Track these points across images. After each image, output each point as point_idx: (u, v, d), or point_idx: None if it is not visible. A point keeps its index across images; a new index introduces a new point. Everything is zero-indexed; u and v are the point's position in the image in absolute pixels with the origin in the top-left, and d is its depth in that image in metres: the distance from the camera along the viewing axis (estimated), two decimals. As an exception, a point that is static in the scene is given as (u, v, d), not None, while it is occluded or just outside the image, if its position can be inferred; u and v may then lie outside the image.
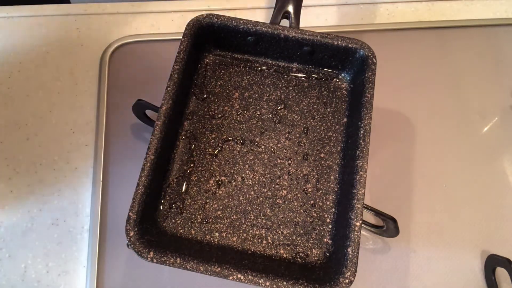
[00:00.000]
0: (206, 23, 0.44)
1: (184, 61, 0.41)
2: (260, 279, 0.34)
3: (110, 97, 0.50)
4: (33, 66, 0.51)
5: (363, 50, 0.43)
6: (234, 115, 0.45)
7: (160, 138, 0.38)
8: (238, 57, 0.48)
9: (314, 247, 0.40)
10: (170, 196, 0.41)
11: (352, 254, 0.35)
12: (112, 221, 0.44)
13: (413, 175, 0.48)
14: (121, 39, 0.53)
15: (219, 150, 0.43)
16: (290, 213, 0.41)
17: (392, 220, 0.40)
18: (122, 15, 0.55)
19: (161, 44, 0.53)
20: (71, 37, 0.54)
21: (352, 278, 0.34)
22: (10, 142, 0.48)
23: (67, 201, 0.45)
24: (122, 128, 0.48)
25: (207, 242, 0.40)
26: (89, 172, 0.47)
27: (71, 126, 0.49)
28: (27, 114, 0.49)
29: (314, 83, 0.47)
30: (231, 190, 0.42)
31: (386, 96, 0.50)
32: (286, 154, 0.43)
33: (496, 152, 0.50)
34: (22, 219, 0.45)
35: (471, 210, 0.47)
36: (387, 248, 0.45)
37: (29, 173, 0.46)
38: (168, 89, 0.40)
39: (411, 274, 0.44)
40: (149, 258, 0.35)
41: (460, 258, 0.45)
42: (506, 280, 0.42)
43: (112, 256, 0.43)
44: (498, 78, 0.54)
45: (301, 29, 0.44)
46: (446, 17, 0.58)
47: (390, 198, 0.47)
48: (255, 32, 0.44)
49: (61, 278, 0.42)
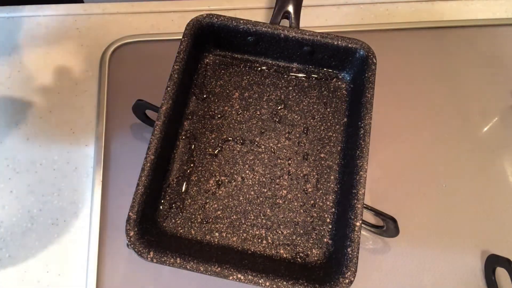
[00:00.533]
0: (206, 23, 0.44)
1: (184, 61, 0.41)
2: (260, 279, 0.34)
3: (110, 97, 0.50)
4: (33, 66, 0.51)
5: (363, 50, 0.43)
6: (234, 115, 0.45)
7: (160, 138, 0.38)
8: (238, 57, 0.48)
9: (314, 247, 0.40)
10: (170, 196, 0.41)
11: (352, 254, 0.35)
12: (112, 221, 0.44)
13: (413, 175, 0.48)
14: (121, 39, 0.53)
15: (219, 150, 0.43)
16: (290, 213, 0.41)
17: (392, 220, 0.40)
18: (122, 15, 0.55)
19: (161, 44, 0.53)
20: (71, 37, 0.53)
21: (352, 278, 0.34)
22: (10, 142, 0.48)
23: (67, 201, 0.45)
24: (122, 128, 0.48)
25: (207, 242, 0.39)
26: (89, 172, 0.47)
27: (71, 126, 0.49)
28: (27, 114, 0.49)
29: (314, 83, 0.47)
30: (231, 190, 0.42)
31: (386, 96, 0.50)
32: (286, 154, 0.43)
33: (496, 152, 0.50)
34: (22, 219, 0.45)
35: (471, 210, 0.47)
36: (387, 248, 0.45)
37: (29, 173, 0.46)
38: (168, 89, 0.40)
39: (411, 274, 0.44)
40: (149, 258, 0.35)
41: (460, 258, 0.45)
42: (506, 280, 0.42)
43: (112, 256, 0.43)
44: (498, 78, 0.54)
45: (301, 29, 0.44)
46: (446, 17, 0.58)
47: (390, 198, 0.47)
48: (255, 32, 0.44)
49: (61, 278, 0.42)
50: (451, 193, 0.48)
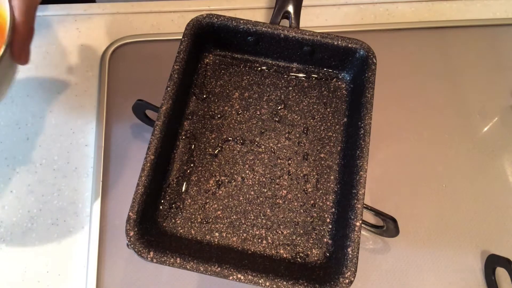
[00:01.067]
0: (206, 23, 0.44)
1: (184, 61, 0.41)
2: (260, 279, 0.34)
3: (110, 97, 0.50)
4: (33, 66, 0.51)
5: (363, 50, 0.43)
6: (234, 115, 0.45)
7: (160, 138, 0.38)
8: (238, 57, 0.48)
9: (314, 247, 0.40)
10: (170, 196, 0.41)
11: (352, 254, 0.35)
12: (112, 221, 0.44)
13: (413, 175, 0.48)
14: (121, 39, 0.53)
15: (219, 150, 0.43)
16: (290, 213, 0.41)
17: (392, 220, 0.40)
18: (122, 15, 0.55)
19: (161, 44, 0.53)
20: (71, 37, 0.53)
21: (352, 278, 0.34)
22: (10, 142, 0.48)
23: (67, 201, 0.45)
24: (122, 128, 0.48)
25: (207, 242, 0.39)
26: (89, 172, 0.47)
27: (71, 126, 0.49)
28: (27, 114, 0.49)
29: (314, 83, 0.47)
30: (231, 190, 0.42)
31: (386, 96, 0.50)
32: (286, 154, 0.43)
33: (496, 152, 0.50)
34: (22, 219, 0.45)
35: (471, 210, 0.47)
36: (387, 248, 0.45)
37: (29, 173, 0.46)
38: (168, 89, 0.40)
39: (411, 274, 0.44)
40: (149, 258, 0.35)
41: (460, 258, 0.45)
42: (506, 280, 0.42)
43: (112, 256, 0.43)
44: (498, 78, 0.54)
45: (301, 29, 0.44)
46: (446, 17, 0.58)
47: (390, 198, 0.47)
48: (255, 32, 0.44)
49: (61, 278, 0.42)
50: (451, 193, 0.48)
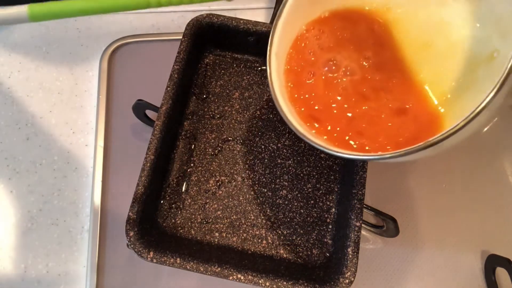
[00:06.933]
0: (206, 23, 0.44)
1: (184, 61, 0.41)
2: (260, 279, 0.34)
3: (110, 97, 0.50)
4: (33, 66, 0.51)
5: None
6: (234, 115, 0.45)
7: (160, 138, 0.38)
8: (238, 57, 0.48)
9: (314, 247, 0.40)
10: (170, 196, 0.41)
11: (352, 254, 0.35)
12: (112, 221, 0.44)
13: (413, 175, 0.48)
14: (121, 39, 0.53)
15: (219, 150, 0.43)
16: (290, 213, 0.41)
17: (392, 220, 0.40)
18: (122, 15, 0.55)
19: (161, 44, 0.53)
20: (71, 37, 0.53)
21: (352, 278, 0.34)
22: (10, 142, 0.48)
23: (67, 201, 0.45)
24: (122, 128, 0.48)
25: (207, 242, 0.40)
26: (89, 172, 0.47)
27: (71, 126, 0.49)
28: (27, 114, 0.49)
29: (314, 83, 0.47)
30: (231, 190, 0.42)
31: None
32: (286, 154, 0.43)
33: (496, 152, 0.50)
34: (22, 219, 0.45)
35: (471, 210, 0.47)
36: (387, 248, 0.45)
37: (29, 173, 0.46)
38: (168, 89, 0.40)
39: (411, 274, 0.44)
40: (149, 258, 0.35)
41: (460, 258, 0.45)
42: (506, 280, 0.42)
43: (112, 256, 0.43)
44: (498, 78, 0.54)
45: (301, 29, 0.44)
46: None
47: (390, 198, 0.47)
48: (255, 32, 0.44)
49: (61, 278, 0.42)
50: (451, 193, 0.48)
